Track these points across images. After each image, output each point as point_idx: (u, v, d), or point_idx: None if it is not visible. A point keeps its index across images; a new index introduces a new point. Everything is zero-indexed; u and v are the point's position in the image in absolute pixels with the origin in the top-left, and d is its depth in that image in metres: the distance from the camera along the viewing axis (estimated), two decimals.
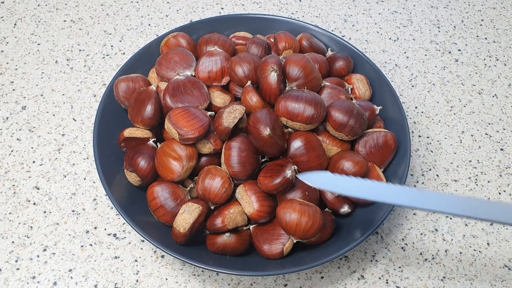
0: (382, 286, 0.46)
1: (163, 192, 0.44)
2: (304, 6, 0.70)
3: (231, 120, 0.43)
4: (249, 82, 0.47)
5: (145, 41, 0.64)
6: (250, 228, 0.44)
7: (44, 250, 0.47)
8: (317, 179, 0.38)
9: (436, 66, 0.64)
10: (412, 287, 0.46)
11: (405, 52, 0.66)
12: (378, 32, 0.68)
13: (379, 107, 0.49)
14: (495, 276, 0.47)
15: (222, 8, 0.69)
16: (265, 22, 0.58)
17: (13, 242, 0.47)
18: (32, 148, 0.54)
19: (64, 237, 0.48)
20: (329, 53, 0.55)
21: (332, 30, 0.67)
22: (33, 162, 0.52)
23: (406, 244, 0.49)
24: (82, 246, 0.47)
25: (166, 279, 0.45)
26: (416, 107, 0.60)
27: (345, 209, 0.45)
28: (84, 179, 0.52)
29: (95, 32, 0.65)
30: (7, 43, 0.63)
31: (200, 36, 0.54)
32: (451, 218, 0.51)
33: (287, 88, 0.46)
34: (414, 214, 0.51)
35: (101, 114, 0.49)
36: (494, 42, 0.68)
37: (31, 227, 0.48)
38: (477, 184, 0.53)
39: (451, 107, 0.60)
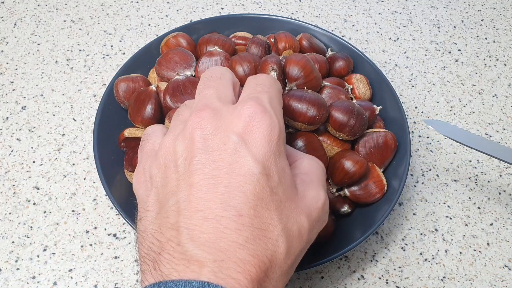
0: (382, 286, 0.46)
1: None
2: (304, 6, 0.70)
3: None
4: None
5: (145, 41, 0.64)
6: None
7: (44, 250, 0.47)
8: (442, 127, 0.43)
9: (436, 66, 0.64)
10: (412, 287, 0.46)
11: (405, 52, 0.66)
12: (378, 32, 0.68)
13: (379, 107, 0.49)
14: (495, 276, 0.47)
15: (222, 8, 0.69)
16: (265, 22, 0.58)
17: (13, 242, 0.47)
18: (32, 148, 0.54)
19: (64, 237, 0.48)
20: (329, 53, 0.55)
21: (332, 30, 0.67)
22: (33, 162, 0.52)
23: (406, 244, 0.49)
24: (82, 246, 0.47)
25: None
26: (416, 107, 0.60)
27: (345, 209, 0.45)
28: (84, 179, 0.52)
29: (95, 32, 0.65)
30: (7, 43, 0.63)
31: (200, 36, 0.54)
32: (451, 218, 0.51)
33: (287, 88, 0.46)
34: (414, 214, 0.51)
35: (101, 114, 0.49)
36: (494, 42, 0.68)
37: (31, 227, 0.48)
38: (477, 184, 0.53)
39: (451, 107, 0.60)
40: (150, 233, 0.28)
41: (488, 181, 0.54)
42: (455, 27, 0.69)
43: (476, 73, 0.64)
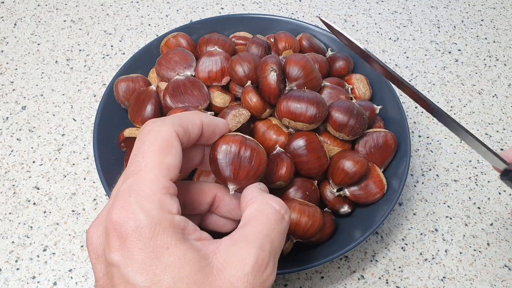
0: (382, 286, 0.46)
1: None
2: (304, 6, 0.70)
3: (234, 123, 0.43)
4: (249, 82, 0.47)
5: (145, 41, 0.64)
6: None
7: (44, 250, 0.47)
8: None
9: (436, 66, 0.64)
10: (412, 287, 0.46)
11: (405, 52, 0.66)
12: (378, 32, 0.68)
13: (379, 107, 0.49)
14: (495, 276, 0.47)
15: (222, 8, 0.69)
16: (265, 22, 0.58)
17: (13, 242, 0.47)
18: (32, 148, 0.54)
19: (64, 237, 0.48)
20: (329, 53, 0.55)
21: None
22: (33, 162, 0.52)
23: (406, 244, 0.49)
24: (82, 246, 0.47)
25: None
26: (416, 107, 0.60)
27: (345, 209, 0.45)
28: (84, 179, 0.52)
29: (95, 32, 0.65)
30: (7, 43, 0.63)
31: (200, 36, 0.54)
32: (451, 218, 0.51)
33: (287, 88, 0.46)
34: (414, 214, 0.51)
35: (101, 114, 0.49)
36: (494, 42, 0.68)
37: (31, 227, 0.48)
38: (477, 184, 0.53)
39: (451, 107, 0.60)
40: None
41: (488, 181, 0.54)
42: (455, 27, 0.69)
43: (476, 73, 0.64)
